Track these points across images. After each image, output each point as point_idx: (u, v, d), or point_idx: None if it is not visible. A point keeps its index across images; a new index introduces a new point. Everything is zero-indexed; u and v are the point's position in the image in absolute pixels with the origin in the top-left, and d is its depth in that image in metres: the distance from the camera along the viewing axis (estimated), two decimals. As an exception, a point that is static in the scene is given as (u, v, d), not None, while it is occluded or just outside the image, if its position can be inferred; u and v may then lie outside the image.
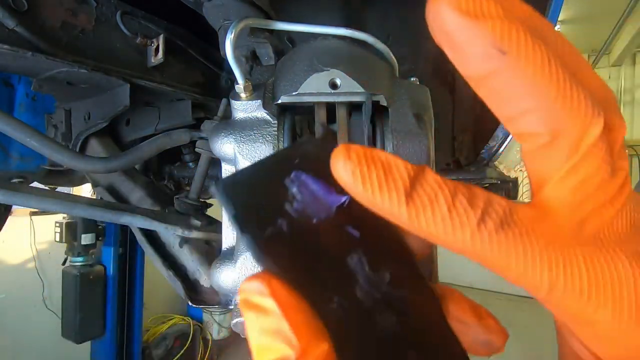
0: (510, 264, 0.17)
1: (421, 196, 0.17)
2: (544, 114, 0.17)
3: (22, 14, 0.62)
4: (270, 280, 0.20)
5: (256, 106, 0.42)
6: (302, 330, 0.19)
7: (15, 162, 1.04)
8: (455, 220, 0.17)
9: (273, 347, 0.19)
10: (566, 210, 0.18)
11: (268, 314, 0.19)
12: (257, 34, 0.56)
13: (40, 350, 2.77)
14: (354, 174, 0.17)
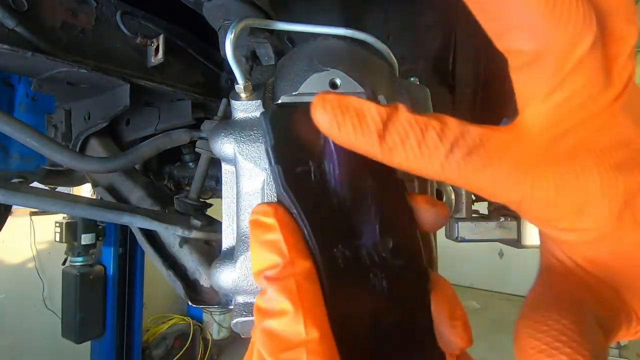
0: (480, 186, 0.19)
1: (392, 136, 0.18)
2: (530, 30, 0.17)
3: (22, 14, 0.62)
4: (277, 206, 0.24)
5: (256, 106, 0.42)
6: (293, 246, 0.22)
7: (15, 162, 1.04)
8: (425, 153, 0.18)
9: (267, 257, 0.23)
10: (542, 128, 0.19)
11: (269, 230, 0.23)
12: (257, 34, 0.56)
13: (40, 350, 2.77)
14: (330, 124, 0.19)
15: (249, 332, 0.40)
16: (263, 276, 0.23)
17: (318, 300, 0.22)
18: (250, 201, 0.40)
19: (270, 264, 0.22)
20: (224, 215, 0.44)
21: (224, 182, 0.44)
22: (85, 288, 2.38)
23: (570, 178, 0.19)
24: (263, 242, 0.23)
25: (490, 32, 0.18)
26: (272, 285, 0.22)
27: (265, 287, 0.22)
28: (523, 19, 0.17)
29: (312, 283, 0.22)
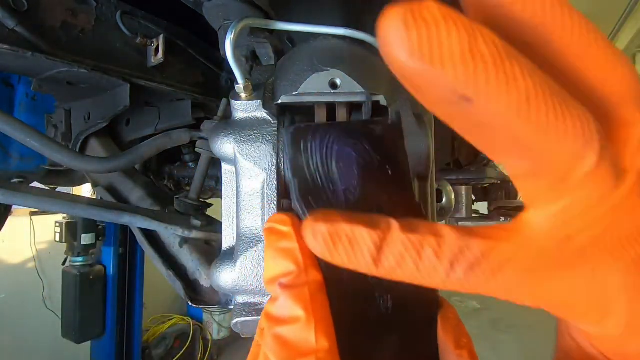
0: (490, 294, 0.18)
1: (388, 259, 0.18)
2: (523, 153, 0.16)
3: (22, 14, 0.62)
4: (293, 216, 0.24)
5: (256, 106, 0.42)
6: (308, 255, 0.23)
7: (15, 162, 1.04)
8: (424, 273, 0.18)
9: (282, 264, 0.23)
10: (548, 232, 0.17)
11: (285, 237, 0.23)
12: (257, 34, 0.56)
13: (40, 350, 2.77)
14: (322, 252, 0.19)
15: (249, 332, 0.40)
16: (277, 283, 0.23)
17: (327, 312, 0.22)
18: (250, 201, 0.40)
19: (284, 271, 0.23)
20: (224, 215, 0.44)
21: (224, 182, 0.44)
22: (85, 288, 2.38)
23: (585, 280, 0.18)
24: (278, 249, 0.23)
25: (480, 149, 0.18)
26: (285, 293, 0.22)
27: (277, 294, 0.23)
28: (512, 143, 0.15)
29: (323, 294, 0.22)
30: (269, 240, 0.24)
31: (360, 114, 0.42)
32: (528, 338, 3.67)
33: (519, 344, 3.56)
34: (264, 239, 0.39)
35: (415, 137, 0.41)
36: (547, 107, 0.14)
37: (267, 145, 0.41)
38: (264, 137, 0.41)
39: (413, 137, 0.41)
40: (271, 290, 0.23)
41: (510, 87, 0.13)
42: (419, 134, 0.42)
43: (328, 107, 0.41)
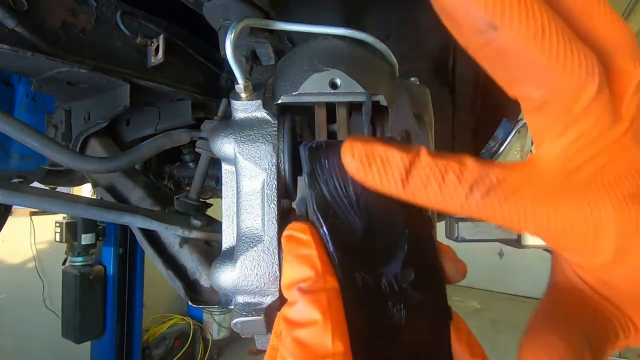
0: (499, 220, 0.20)
1: (415, 180, 0.20)
2: (536, 81, 0.18)
3: (22, 14, 0.62)
4: (311, 226, 0.26)
5: (256, 106, 0.42)
6: (325, 263, 0.24)
7: (15, 162, 1.04)
8: (446, 195, 0.20)
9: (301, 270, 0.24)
10: (556, 165, 0.20)
11: (304, 245, 0.25)
12: (257, 34, 0.56)
13: (40, 350, 2.77)
14: (358, 170, 0.21)
15: (249, 332, 0.40)
16: (296, 288, 0.24)
17: (343, 318, 0.23)
18: (250, 201, 0.40)
19: (303, 277, 0.24)
20: (224, 215, 0.44)
21: (224, 182, 0.44)
22: (85, 288, 2.38)
23: (584, 209, 0.20)
24: (297, 256, 0.25)
25: (500, 82, 0.20)
26: (304, 297, 0.23)
27: (296, 299, 0.24)
28: (528, 70, 0.18)
29: (339, 301, 0.24)
30: (288, 247, 0.26)
31: (360, 113, 0.42)
32: (528, 338, 3.67)
33: (518, 343, 3.56)
34: (264, 239, 0.39)
35: (415, 137, 0.41)
36: (558, 39, 0.17)
37: (267, 145, 0.41)
38: (264, 137, 0.41)
39: (413, 137, 0.41)
40: (289, 295, 0.25)
41: (529, 18, 0.16)
42: (419, 134, 0.42)
43: (328, 107, 0.41)
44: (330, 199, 0.26)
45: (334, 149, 0.27)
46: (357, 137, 0.21)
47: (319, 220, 0.25)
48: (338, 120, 0.41)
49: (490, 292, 4.96)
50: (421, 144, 0.21)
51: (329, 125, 0.41)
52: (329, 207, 0.25)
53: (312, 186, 0.26)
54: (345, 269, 0.24)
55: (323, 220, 0.25)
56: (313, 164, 0.26)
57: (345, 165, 0.21)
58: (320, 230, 0.25)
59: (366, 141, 0.21)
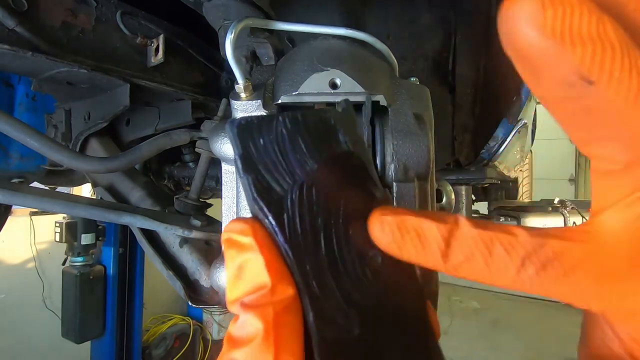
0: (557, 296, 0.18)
1: (457, 254, 0.18)
2: (625, 143, 0.16)
3: (22, 14, 0.62)
4: (254, 223, 0.21)
5: (256, 106, 0.42)
6: (275, 270, 0.20)
7: (15, 162, 1.04)
8: (494, 271, 0.17)
9: (245, 283, 0.20)
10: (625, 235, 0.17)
11: (246, 250, 0.20)
12: (257, 34, 0.56)
13: (40, 350, 2.77)
14: (390, 245, 0.19)
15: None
16: (239, 303, 0.20)
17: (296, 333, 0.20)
18: (250, 201, 0.40)
19: (248, 290, 0.20)
20: (224, 215, 0.44)
21: (224, 182, 0.44)
22: (85, 288, 2.38)
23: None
24: (240, 266, 0.21)
25: (575, 140, 0.18)
26: (246, 312, 0.20)
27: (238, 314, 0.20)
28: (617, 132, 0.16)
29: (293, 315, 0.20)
30: (228, 254, 0.21)
31: (360, 113, 0.42)
32: (528, 338, 3.67)
33: (519, 343, 3.56)
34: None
35: (415, 137, 0.41)
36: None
37: (267, 145, 0.41)
38: (264, 137, 0.41)
39: (413, 137, 0.41)
40: (234, 311, 0.21)
41: (632, 73, 0.14)
42: (419, 134, 0.42)
43: (328, 106, 0.41)
44: (273, 182, 0.22)
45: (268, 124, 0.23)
46: (386, 209, 0.19)
47: (262, 210, 0.21)
48: (338, 120, 0.41)
49: (490, 292, 4.96)
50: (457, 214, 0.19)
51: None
52: (272, 192, 0.21)
53: (247, 170, 0.21)
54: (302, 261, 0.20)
55: (267, 208, 0.21)
56: (246, 144, 0.22)
57: (374, 238, 0.19)
58: (265, 220, 0.21)
59: (396, 212, 0.19)
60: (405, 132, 0.41)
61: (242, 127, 0.22)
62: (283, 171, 0.22)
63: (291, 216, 0.21)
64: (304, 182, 0.22)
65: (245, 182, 0.22)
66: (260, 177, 0.22)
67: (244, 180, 0.22)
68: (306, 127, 0.23)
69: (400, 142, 0.40)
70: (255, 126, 0.23)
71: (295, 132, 0.23)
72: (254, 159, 0.22)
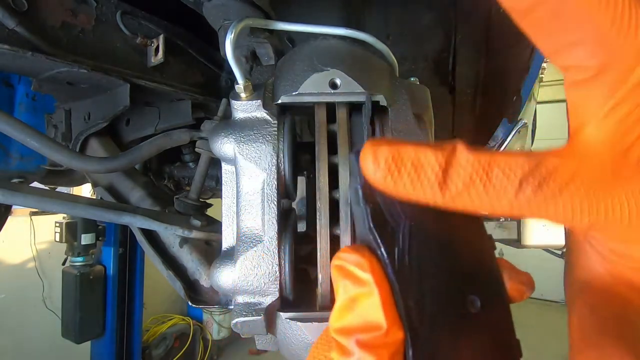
0: (550, 215, 0.18)
1: (455, 182, 0.17)
2: (594, 46, 0.16)
3: (22, 14, 0.62)
4: (371, 257, 0.21)
5: (256, 106, 0.42)
6: (390, 313, 0.20)
7: (15, 162, 1.04)
8: (492, 194, 0.17)
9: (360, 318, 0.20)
10: (609, 145, 0.18)
11: (363, 286, 0.20)
12: (257, 34, 0.56)
13: (40, 350, 2.77)
14: (385, 178, 0.18)
15: (249, 332, 0.40)
16: (355, 340, 0.20)
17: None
18: (250, 201, 0.40)
19: (362, 327, 0.20)
20: (224, 215, 0.44)
21: (224, 182, 0.44)
22: (85, 288, 2.38)
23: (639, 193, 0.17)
24: (352, 299, 0.21)
25: (546, 50, 0.18)
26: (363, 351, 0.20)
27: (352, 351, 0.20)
28: (586, 34, 0.16)
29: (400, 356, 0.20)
30: (342, 284, 0.21)
31: (360, 113, 0.42)
32: (528, 338, 3.67)
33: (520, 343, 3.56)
34: (264, 239, 0.39)
35: (415, 137, 0.41)
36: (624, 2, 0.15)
37: (267, 145, 0.41)
38: (264, 137, 0.41)
39: (413, 137, 0.41)
40: (342, 341, 0.21)
41: None
42: (419, 134, 0.42)
43: (328, 106, 0.41)
44: (387, 214, 0.22)
45: None
46: (380, 140, 0.18)
47: (376, 240, 0.22)
48: (338, 120, 0.41)
49: (490, 292, 4.96)
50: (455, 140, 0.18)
51: (329, 125, 0.41)
52: (386, 224, 0.22)
53: (367, 200, 0.22)
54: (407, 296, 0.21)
55: (381, 239, 0.21)
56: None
57: (366, 174, 0.18)
58: (378, 251, 0.21)
59: (391, 143, 0.18)
60: (405, 132, 0.41)
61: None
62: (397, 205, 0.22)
63: (402, 250, 0.22)
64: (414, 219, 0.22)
65: (364, 211, 0.22)
66: (378, 209, 0.22)
67: (362, 210, 0.22)
68: None
69: (400, 142, 0.40)
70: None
71: None
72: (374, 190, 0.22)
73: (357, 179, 0.23)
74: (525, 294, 0.25)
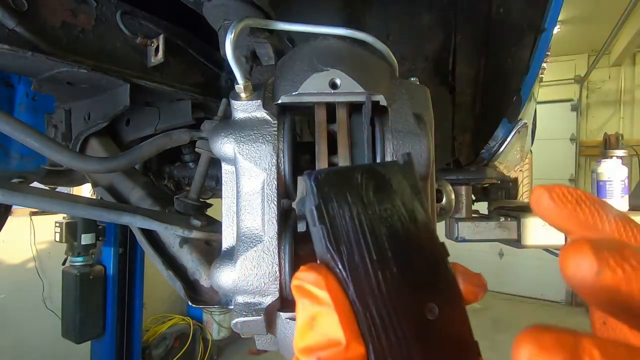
0: None
1: None
2: None
3: (22, 14, 0.62)
4: (327, 275, 0.22)
5: (256, 106, 0.42)
6: (348, 328, 0.21)
7: (15, 162, 1.04)
8: None
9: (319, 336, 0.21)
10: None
11: (320, 304, 0.21)
12: (257, 34, 0.56)
13: (40, 350, 2.77)
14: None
15: (249, 332, 0.40)
16: (315, 357, 0.21)
17: None
18: (250, 201, 0.40)
19: (322, 344, 0.21)
20: (224, 215, 0.44)
21: (224, 182, 0.44)
22: (85, 288, 2.38)
23: None
24: (312, 317, 0.21)
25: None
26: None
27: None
28: None
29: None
30: (302, 303, 0.22)
31: (360, 113, 0.42)
32: (528, 338, 3.66)
33: (519, 344, 3.56)
34: (264, 239, 0.39)
35: (415, 137, 0.41)
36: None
37: (267, 145, 0.40)
38: (264, 137, 0.41)
39: (413, 137, 0.41)
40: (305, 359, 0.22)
41: None
42: (419, 134, 0.42)
43: (328, 106, 0.41)
44: (344, 232, 0.23)
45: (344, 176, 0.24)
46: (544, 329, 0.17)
47: (334, 259, 0.22)
48: (338, 120, 0.41)
49: (490, 292, 4.96)
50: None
51: (329, 125, 0.41)
52: (344, 242, 0.23)
53: (322, 220, 0.23)
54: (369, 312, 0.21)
55: (338, 258, 0.22)
56: (323, 195, 0.23)
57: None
58: (336, 269, 0.22)
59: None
60: (405, 132, 0.41)
61: (321, 179, 0.24)
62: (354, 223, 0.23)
63: (360, 266, 0.22)
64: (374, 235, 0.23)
65: (320, 232, 0.23)
66: (335, 228, 0.23)
67: (319, 230, 0.23)
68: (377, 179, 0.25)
69: (400, 142, 0.40)
70: (333, 178, 0.24)
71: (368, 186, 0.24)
72: (329, 210, 0.23)
73: (311, 200, 0.23)
74: (479, 295, 0.26)
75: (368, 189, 0.25)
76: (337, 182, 0.24)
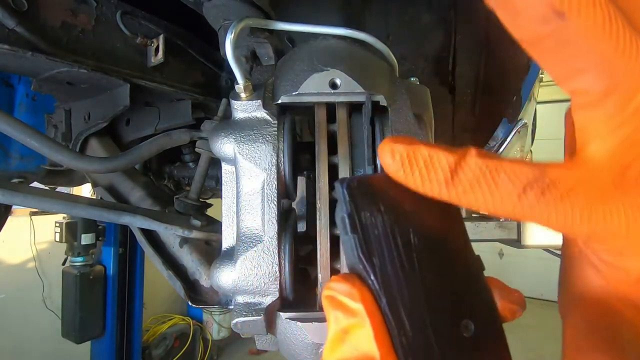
0: (552, 222, 0.19)
1: (462, 182, 0.19)
2: (599, 72, 0.18)
3: (22, 14, 0.62)
4: (362, 287, 0.21)
5: (256, 106, 0.42)
6: (382, 344, 0.20)
7: (15, 162, 1.04)
8: (496, 196, 0.19)
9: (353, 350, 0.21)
10: (609, 163, 0.19)
11: (354, 316, 0.21)
12: (257, 34, 0.56)
13: (40, 350, 2.77)
14: (397, 171, 0.20)
15: (249, 332, 0.40)
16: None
17: None
18: (250, 201, 0.40)
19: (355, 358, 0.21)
20: (224, 215, 0.44)
21: (224, 182, 0.44)
22: (85, 288, 2.38)
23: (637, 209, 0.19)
24: (344, 330, 0.21)
25: (555, 75, 0.19)
26: None
27: None
28: (591, 62, 0.17)
29: None
30: (334, 315, 0.21)
31: (360, 113, 0.42)
32: (529, 338, 3.67)
33: (520, 343, 3.56)
34: (264, 239, 0.39)
35: (415, 137, 0.41)
36: (624, 28, 0.17)
37: (267, 145, 0.41)
38: (264, 137, 0.41)
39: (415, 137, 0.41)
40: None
41: (596, 6, 0.16)
42: (419, 134, 0.42)
43: (328, 107, 0.41)
44: (376, 243, 0.22)
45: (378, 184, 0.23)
46: (399, 138, 0.20)
47: (366, 270, 0.21)
48: (338, 120, 0.41)
49: (490, 292, 4.97)
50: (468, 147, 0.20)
51: (329, 125, 0.41)
52: (377, 253, 0.22)
53: (355, 229, 0.22)
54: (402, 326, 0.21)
55: (371, 269, 0.21)
56: (355, 203, 0.22)
57: (384, 166, 0.20)
58: (368, 280, 0.21)
59: (408, 142, 0.20)
60: (405, 132, 0.41)
61: (354, 187, 0.23)
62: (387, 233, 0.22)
63: (393, 279, 0.21)
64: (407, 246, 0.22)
65: (351, 241, 0.22)
66: (367, 238, 0.22)
67: (349, 239, 0.22)
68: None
69: (400, 142, 0.40)
70: (366, 186, 0.23)
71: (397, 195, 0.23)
72: (362, 219, 0.22)
73: (344, 208, 0.23)
74: (517, 313, 0.25)
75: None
76: (370, 191, 0.23)
